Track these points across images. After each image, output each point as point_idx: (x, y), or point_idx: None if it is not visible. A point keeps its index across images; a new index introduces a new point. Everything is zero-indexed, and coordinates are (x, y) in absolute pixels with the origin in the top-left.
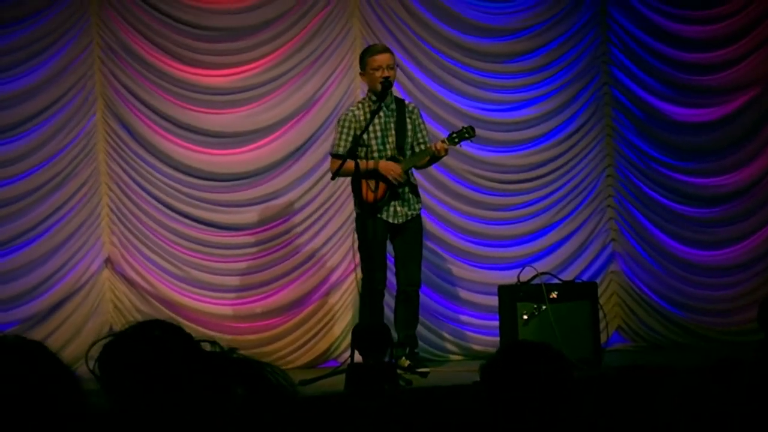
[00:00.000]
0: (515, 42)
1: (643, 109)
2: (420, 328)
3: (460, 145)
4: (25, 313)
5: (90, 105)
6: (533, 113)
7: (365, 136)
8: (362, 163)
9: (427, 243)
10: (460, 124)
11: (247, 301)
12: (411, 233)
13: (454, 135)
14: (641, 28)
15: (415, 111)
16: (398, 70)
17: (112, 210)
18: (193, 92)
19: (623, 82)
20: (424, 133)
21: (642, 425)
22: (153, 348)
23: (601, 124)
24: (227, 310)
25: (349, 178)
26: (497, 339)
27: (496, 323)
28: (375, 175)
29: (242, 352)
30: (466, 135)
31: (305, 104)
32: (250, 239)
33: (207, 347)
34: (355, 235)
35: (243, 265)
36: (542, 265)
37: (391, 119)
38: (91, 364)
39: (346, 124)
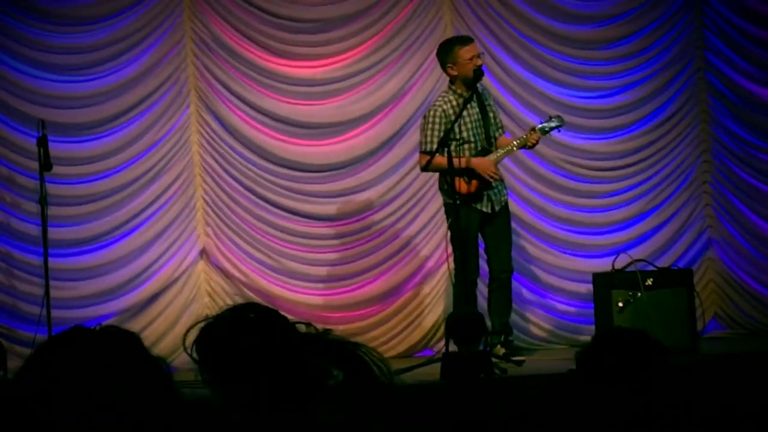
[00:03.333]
0: (608, 28)
1: (738, 93)
2: (513, 316)
3: (552, 134)
4: (123, 305)
5: (183, 98)
6: (626, 99)
7: (456, 129)
8: (455, 161)
9: (521, 231)
10: (552, 111)
11: (341, 291)
12: (502, 220)
13: (545, 125)
14: (736, 12)
15: (486, 92)
16: (489, 58)
17: (206, 202)
18: (284, 84)
19: (718, 67)
20: (499, 117)
21: (741, 413)
22: (249, 329)
23: (696, 110)
24: (320, 300)
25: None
26: (592, 327)
27: (591, 311)
28: (467, 172)
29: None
30: (556, 124)
31: (396, 94)
32: (343, 230)
33: (302, 329)
34: (446, 225)
35: (336, 255)
36: (637, 252)
37: (477, 109)
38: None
39: (436, 120)
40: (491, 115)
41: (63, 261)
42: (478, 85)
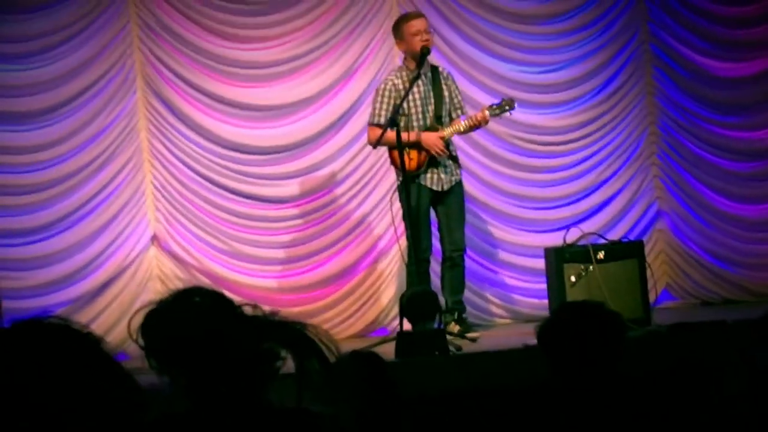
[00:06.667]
0: (553, 3)
1: (683, 65)
2: (466, 293)
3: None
4: (75, 294)
5: (130, 84)
6: (573, 74)
7: (405, 105)
8: (404, 135)
9: (471, 207)
10: (498, 87)
11: (294, 273)
12: (454, 198)
13: (495, 108)
14: None
15: (450, 77)
16: (436, 36)
17: (156, 187)
18: (231, 67)
19: (663, 39)
20: (460, 98)
21: (695, 380)
22: (194, 313)
23: (641, 83)
24: (274, 283)
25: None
26: (544, 302)
27: (543, 286)
28: (416, 146)
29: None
30: (507, 107)
31: (344, 74)
32: (295, 211)
33: (249, 310)
34: (398, 204)
35: (288, 237)
36: (588, 226)
37: (429, 87)
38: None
39: (386, 93)
40: (446, 94)
41: (12, 251)
42: (440, 68)
